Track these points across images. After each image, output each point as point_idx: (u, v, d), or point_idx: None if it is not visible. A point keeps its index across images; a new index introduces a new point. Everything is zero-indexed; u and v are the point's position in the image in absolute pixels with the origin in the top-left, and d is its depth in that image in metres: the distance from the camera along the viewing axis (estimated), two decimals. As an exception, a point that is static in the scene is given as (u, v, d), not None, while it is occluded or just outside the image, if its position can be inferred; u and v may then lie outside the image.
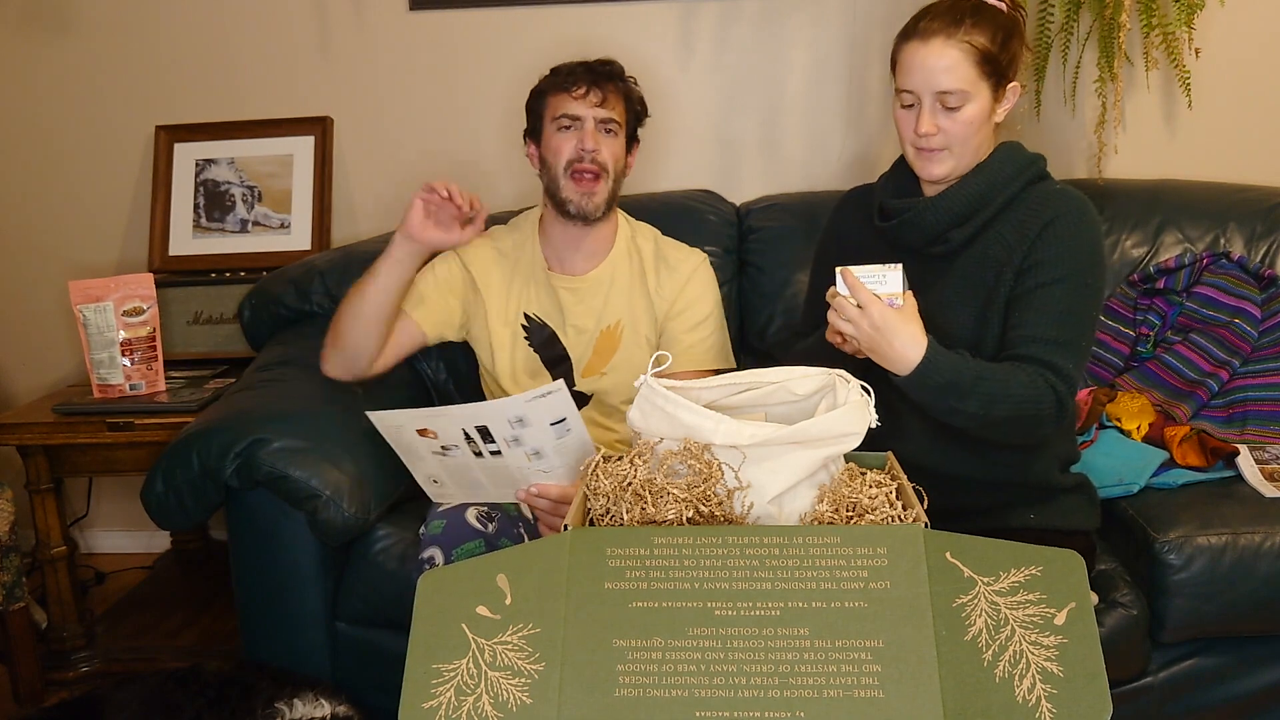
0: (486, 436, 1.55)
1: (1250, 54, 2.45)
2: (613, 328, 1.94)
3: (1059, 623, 1.08)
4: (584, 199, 1.87)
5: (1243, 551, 1.74)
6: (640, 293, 1.95)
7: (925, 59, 1.56)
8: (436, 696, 1.07)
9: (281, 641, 1.88)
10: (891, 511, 1.22)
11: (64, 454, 2.24)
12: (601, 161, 1.86)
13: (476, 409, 1.55)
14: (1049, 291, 1.55)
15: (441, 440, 1.60)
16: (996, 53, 1.57)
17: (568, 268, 1.95)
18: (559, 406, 1.52)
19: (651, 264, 1.97)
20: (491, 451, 1.58)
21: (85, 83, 2.65)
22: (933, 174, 1.62)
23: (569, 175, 1.86)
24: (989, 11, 1.59)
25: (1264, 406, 2.07)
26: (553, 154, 1.88)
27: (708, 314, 1.95)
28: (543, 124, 1.91)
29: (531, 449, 1.56)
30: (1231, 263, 2.20)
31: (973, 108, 1.57)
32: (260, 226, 2.60)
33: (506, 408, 1.52)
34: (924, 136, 1.59)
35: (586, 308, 1.94)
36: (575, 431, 1.55)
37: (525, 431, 1.53)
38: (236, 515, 1.87)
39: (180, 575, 2.73)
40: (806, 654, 1.07)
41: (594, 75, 1.88)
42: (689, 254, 2.00)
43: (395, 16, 2.57)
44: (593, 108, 1.86)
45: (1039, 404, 1.51)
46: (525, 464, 1.57)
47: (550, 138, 1.89)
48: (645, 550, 1.14)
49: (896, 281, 1.50)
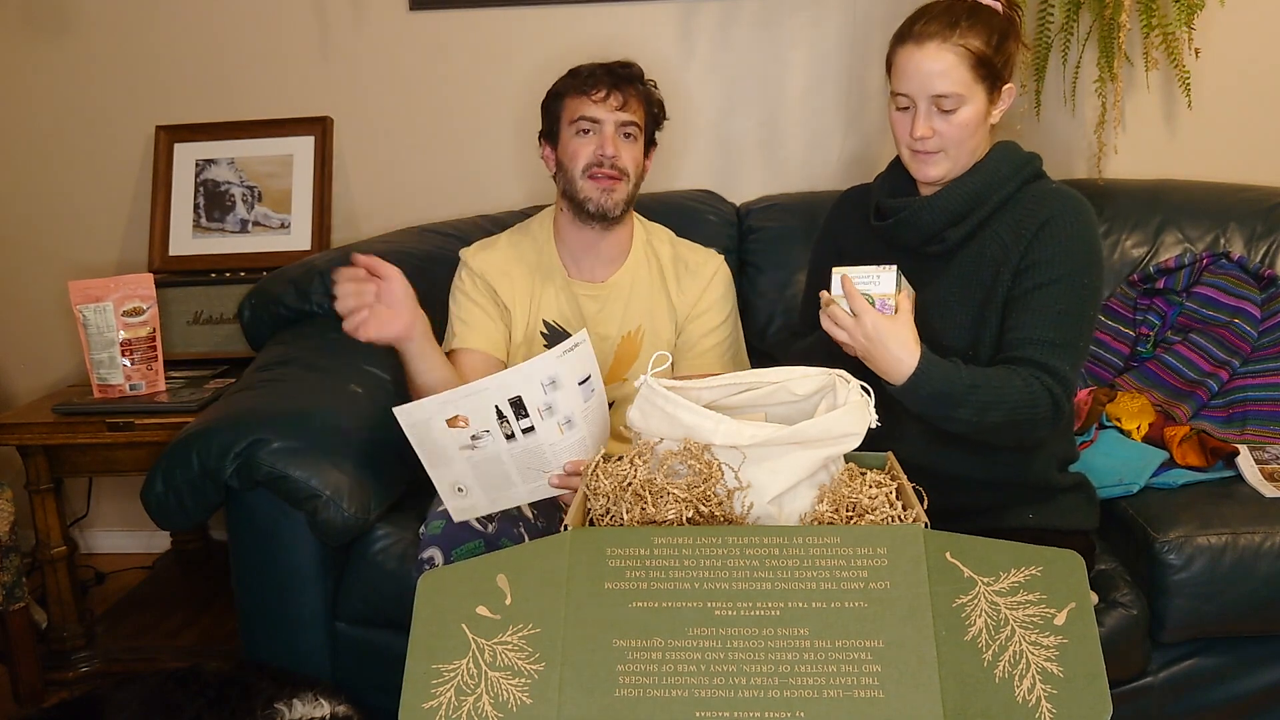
0: (520, 411, 1.50)
1: (1250, 54, 2.45)
2: (634, 333, 1.92)
3: (1059, 623, 1.08)
4: (604, 195, 1.83)
5: (1243, 551, 1.74)
6: (660, 297, 1.93)
7: (920, 63, 1.56)
8: (436, 696, 1.07)
9: (281, 641, 1.88)
10: (891, 511, 1.23)
11: (64, 454, 2.24)
12: (622, 166, 1.83)
13: (509, 377, 1.49)
14: (1046, 292, 1.55)
15: (473, 427, 1.53)
16: (991, 55, 1.57)
17: (587, 274, 1.93)
18: (586, 361, 1.50)
19: (671, 267, 1.95)
20: (524, 429, 1.51)
21: (85, 83, 2.65)
22: (928, 176, 1.63)
23: (587, 177, 1.83)
24: (984, 13, 1.59)
25: (1264, 406, 2.07)
26: (570, 158, 1.84)
27: (726, 316, 1.95)
28: (559, 126, 1.87)
29: (564, 417, 1.51)
30: (1231, 263, 2.20)
31: (968, 110, 1.57)
32: (260, 226, 2.60)
33: (540, 369, 1.47)
34: (919, 140, 1.59)
35: (609, 314, 1.92)
36: (598, 391, 1.52)
37: (558, 396, 1.49)
38: (236, 515, 1.87)
39: (180, 575, 2.73)
40: (806, 654, 1.07)
41: (615, 78, 1.84)
42: (708, 256, 1.98)
43: (395, 16, 2.57)
44: (613, 111, 1.82)
45: (1034, 408, 1.51)
46: (558, 438, 1.52)
47: (568, 141, 1.85)
48: (645, 550, 1.14)
49: (890, 282, 1.49)
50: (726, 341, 1.95)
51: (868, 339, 1.47)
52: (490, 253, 1.95)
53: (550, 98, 1.90)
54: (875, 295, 1.49)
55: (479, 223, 2.38)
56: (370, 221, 2.65)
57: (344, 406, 1.93)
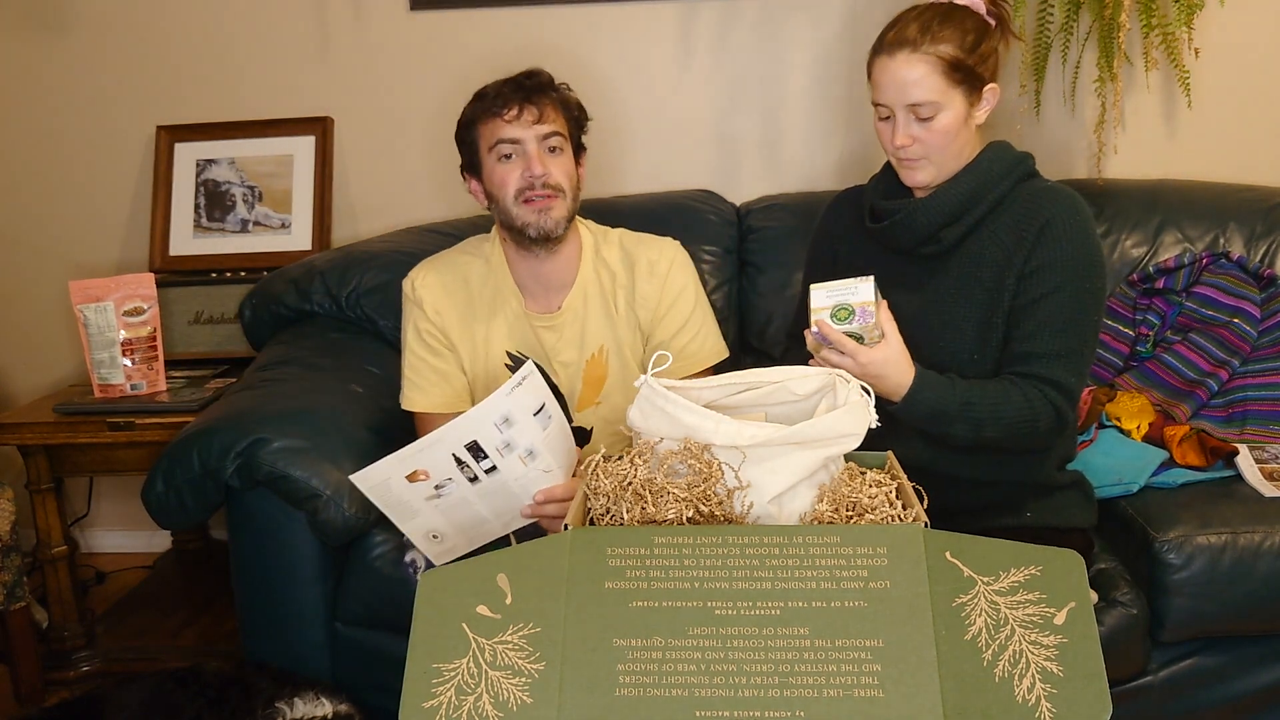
0: (478, 454, 1.47)
1: (1250, 54, 2.45)
2: (596, 355, 1.84)
3: (1059, 622, 1.08)
4: (541, 216, 1.73)
5: (1243, 551, 1.75)
6: (616, 309, 1.84)
7: (894, 74, 1.57)
8: (437, 696, 1.07)
9: (281, 641, 1.88)
10: (891, 511, 1.23)
11: (64, 454, 2.24)
12: (554, 184, 1.73)
13: (460, 424, 1.44)
14: (1051, 301, 1.57)
15: (434, 478, 1.49)
16: (965, 59, 1.56)
17: (541, 305, 1.84)
18: (537, 391, 1.45)
19: (625, 272, 1.85)
20: (486, 470, 1.48)
21: (86, 83, 2.65)
22: (915, 181, 1.65)
23: (521, 202, 1.73)
24: (958, 16, 1.58)
25: (1263, 406, 2.07)
26: (498, 186, 1.74)
27: (693, 308, 1.85)
28: (479, 156, 1.77)
29: (525, 450, 1.48)
30: (1231, 263, 2.20)
31: (946, 116, 1.58)
32: (260, 226, 2.60)
33: (490, 410, 1.43)
34: (900, 148, 1.60)
35: (567, 342, 1.83)
36: (556, 418, 1.48)
37: (513, 431, 1.46)
38: (236, 515, 1.87)
39: (180, 575, 2.73)
40: (806, 653, 1.07)
41: (524, 91, 1.73)
42: (660, 248, 1.87)
43: (395, 16, 2.57)
44: (530, 126, 1.72)
45: (1034, 422, 1.54)
46: (523, 470, 1.50)
47: (492, 169, 1.74)
48: (645, 550, 1.14)
49: (868, 291, 1.50)
50: (700, 335, 1.86)
51: (865, 376, 1.46)
52: (437, 285, 1.84)
53: (462, 128, 1.80)
54: (855, 304, 1.50)
55: (479, 223, 2.38)
56: (370, 221, 2.65)
57: (344, 406, 1.93)
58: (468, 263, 1.87)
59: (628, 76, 2.54)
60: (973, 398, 1.53)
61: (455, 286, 1.84)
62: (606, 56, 2.52)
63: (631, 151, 2.56)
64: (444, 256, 1.90)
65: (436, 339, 1.83)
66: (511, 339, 1.84)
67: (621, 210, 2.25)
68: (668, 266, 1.85)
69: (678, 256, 1.88)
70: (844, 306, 1.50)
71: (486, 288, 1.84)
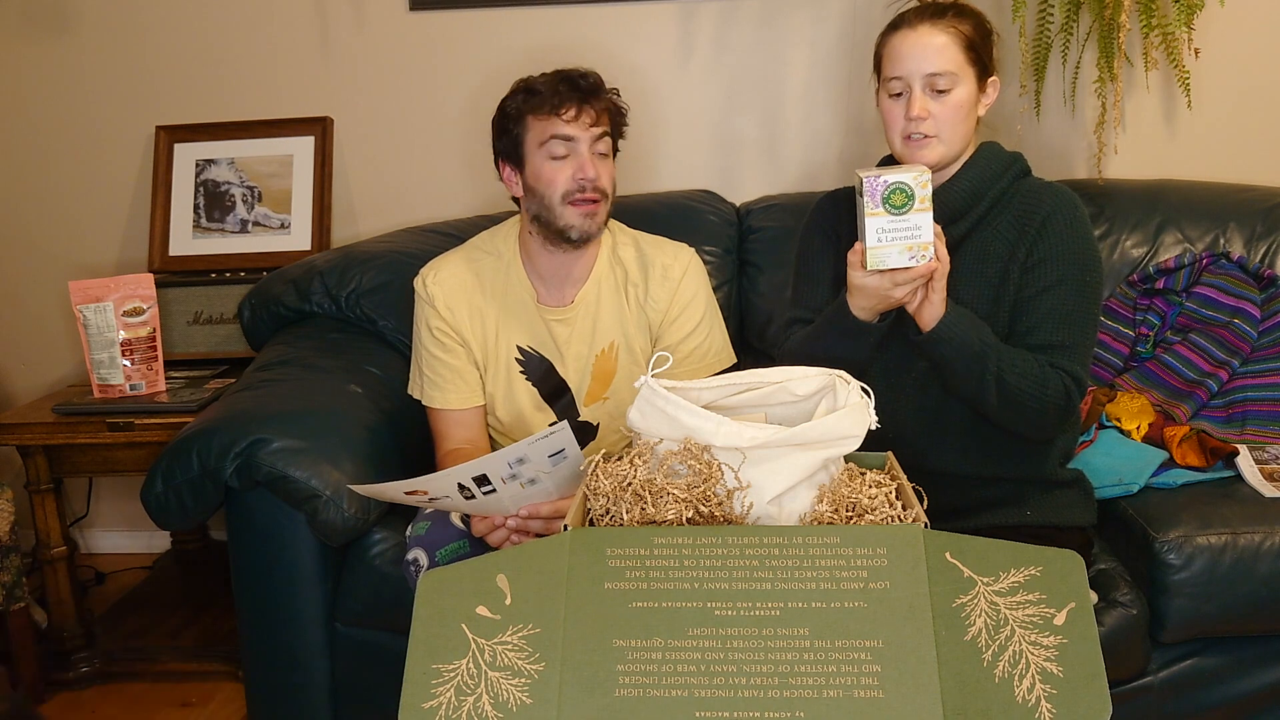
0: (482, 482, 1.47)
1: (1250, 54, 2.45)
2: (607, 350, 1.85)
3: (1059, 623, 1.08)
4: (587, 220, 1.74)
5: (1243, 551, 1.74)
6: (628, 307, 1.85)
7: (916, 42, 1.61)
8: (436, 696, 1.07)
9: (281, 641, 1.88)
10: (891, 511, 1.23)
11: (64, 454, 2.24)
12: (603, 188, 1.74)
13: (475, 464, 1.44)
14: (1055, 294, 1.59)
15: (431, 494, 1.50)
16: (980, 42, 1.63)
17: (555, 297, 1.84)
18: (562, 442, 1.44)
19: (638, 272, 1.86)
20: (486, 492, 1.48)
21: (85, 83, 2.65)
22: (924, 161, 1.63)
23: (567, 203, 1.73)
24: (968, 10, 1.66)
25: (1263, 406, 2.07)
26: (545, 184, 1.73)
27: (702, 314, 1.87)
28: (524, 149, 1.75)
29: (527, 479, 1.48)
30: (1231, 263, 2.20)
31: (961, 92, 1.61)
32: (260, 226, 2.60)
33: (508, 454, 1.43)
34: (914, 121, 1.60)
35: (579, 335, 1.84)
36: (571, 457, 1.47)
37: (523, 468, 1.45)
38: (236, 515, 1.87)
39: (180, 575, 2.73)
40: (806, 654, 1.07)
41: (580, 93, 1.72)
42: (676, 253, 1.88)
43: (395, 16, 2.57)
44: (587, 129, 1.72)
45: (1045, 386, 1.55)
46: (519, 492, 1.49)
47: (540, 166, 1.73)
48: (645, 550, 1.14)
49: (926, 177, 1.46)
50: (708, 341, 1.88)
51: (939, 277, 1.50)
52: (448, 280, 1.84)
53: (509, 118, 1.76)
54: (912, 185, 1.44)
55: (479, 223, 2.37)
56: (370, 221, 2.65)
57: (344, 406, 1.93)
58: (479, 258, 1.88)
59: (628, 76, 2.52)
60: (996, 344, 1.55)
61: (466, 280, 1.85)
62: (606, 56, 2.52)
63: (632, 151, 2.55)
64: (455, 252, 1.91)
65: (449, 335, 1.84)
66: (523, 332, 1.85)
67: (622, 210, 2.24)
68: (681, 273, 1.86)
69: (692, 264, 1.89)
70: (900, 184, 1.45)
71: (498, 281, 1.85)
